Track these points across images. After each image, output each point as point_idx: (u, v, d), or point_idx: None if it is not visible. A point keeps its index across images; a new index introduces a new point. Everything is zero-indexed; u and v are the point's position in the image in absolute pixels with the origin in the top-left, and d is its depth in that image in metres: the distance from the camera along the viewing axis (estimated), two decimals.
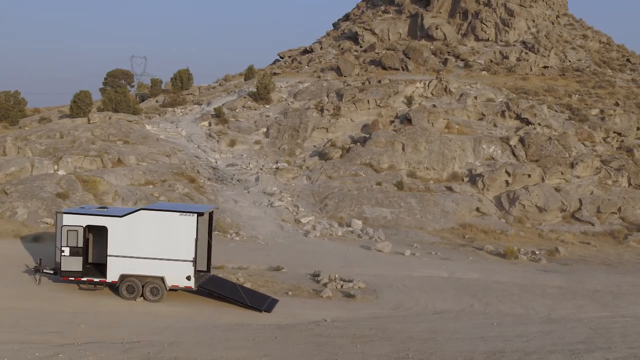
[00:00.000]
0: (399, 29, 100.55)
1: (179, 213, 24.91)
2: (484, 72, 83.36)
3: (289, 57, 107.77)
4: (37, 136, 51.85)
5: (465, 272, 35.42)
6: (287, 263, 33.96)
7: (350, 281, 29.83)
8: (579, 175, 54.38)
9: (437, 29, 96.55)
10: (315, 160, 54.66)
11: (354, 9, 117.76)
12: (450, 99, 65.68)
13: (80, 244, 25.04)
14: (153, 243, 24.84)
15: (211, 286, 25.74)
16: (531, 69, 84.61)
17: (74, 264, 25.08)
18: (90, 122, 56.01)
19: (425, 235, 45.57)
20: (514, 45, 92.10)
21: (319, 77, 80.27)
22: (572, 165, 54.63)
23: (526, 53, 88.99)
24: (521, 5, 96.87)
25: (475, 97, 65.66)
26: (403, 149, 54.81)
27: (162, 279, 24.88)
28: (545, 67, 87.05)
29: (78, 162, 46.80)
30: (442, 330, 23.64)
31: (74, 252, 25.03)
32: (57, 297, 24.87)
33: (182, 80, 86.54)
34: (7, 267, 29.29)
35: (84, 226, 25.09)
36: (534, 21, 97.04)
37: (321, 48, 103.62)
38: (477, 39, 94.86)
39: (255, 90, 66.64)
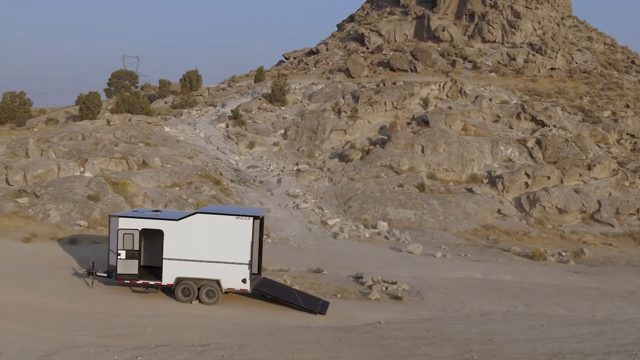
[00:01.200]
0: (405, 30, 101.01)
1: (236, 216, 25.15)
2: (492, 73, 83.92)
3: (294, 58, 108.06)
4: (59, 138, 51.98)
5: (499, 274, 35.73)
6: (325, 265, 34.22)
7: (394, 283, 30.12)
8: (596, 177, 54.85)
9: (444, 30, 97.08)
10: (335, 162, 54.94)
11: (358, 10, 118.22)
12: (465, 100, 66.10)
13: (136, 247, 25.27)
14: (209, 246, 25.07)
15: (265, 288, 25.98)
16: (539, 71, 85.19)
17: (130, 267, 25.30)
18: (110, 123, 56.04)
19: (450, 236, 45.90)
20: (520, 46, 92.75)
21: (328, 78, 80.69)
22: (589, 167, 55.09)
23: (533, 55, 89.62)
24: (527, 7, 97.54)
25: (490, 99, 66.08)
26: (422, 151, 55.18)
27: (217, 281, 25.12)
28: (552, 68, 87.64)
29: (104, 164, 46.96)
30: (496, 332, 23.96)
31: (130, 255, 25.26)
32: (114, 300, 25.06)
33: (191, 81, 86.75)
34: (53, 269, 29.53)
35: (140, 229, 25.30)
36: (539, 23, 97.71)
37: (327, 49, 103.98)
38: (483, 40, 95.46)
39: (271, 92, 66.81)
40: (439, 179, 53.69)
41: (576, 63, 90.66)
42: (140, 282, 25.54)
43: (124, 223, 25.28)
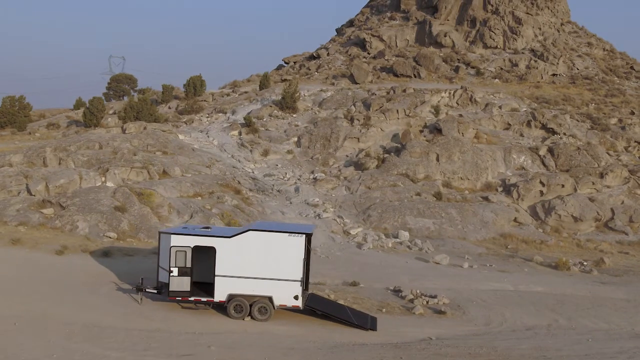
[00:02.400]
0: (406, 35, 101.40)
1: (288, 234, 25.36)
2: (496, 80, 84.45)
3: (294, 62, 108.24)
4: (77, 147, 51.92)
5: (528, 285, 36.07)
6: (358, 277, 34.44)
7: (434, 297, 30.41)
8: (608, 185, 55.39)
9: (445, 36, 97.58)
10: (351, 170, 55.18)
11: (358, 15, 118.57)
12: (475, 108, 66.53)
13: (189, 264, 25.43)
14: (261, 263, 25.27)
15: (315, 304, 26.20)
16: (542, 77, 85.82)
17: (183, 284, 25.46)
18: (126, 132, 56.00)
19: (470, 245, 46.24)
20: (522, 52, 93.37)
21: (333, 84, 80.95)
22: (601, 175, 55.62)
23: (535, 61, 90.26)
24: (528, 13, 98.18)
25: (500, 107, 66.56)
26: (437, 159, 55.54)
27: (270, 298, 25.30)
28: (554, 74, 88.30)
29: (125, 174, 46.96)
30: (546, 348, 24.28)
31: (182, 272, 25.41)
32: (167, 317, 25.20)
33: (195, 86, 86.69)
34: (95, 284, 29.63)
35: (192, 247, 25.44)
36: (540, 29, 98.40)
37: (328, 54, 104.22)
38: (485, 46, 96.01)
39: (281, 99, 66.96)
40: (454, 187, 54.06)
41: (577, 69, 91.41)
42: (192, 298, 25.67)
43: (176, 240, 25.43)
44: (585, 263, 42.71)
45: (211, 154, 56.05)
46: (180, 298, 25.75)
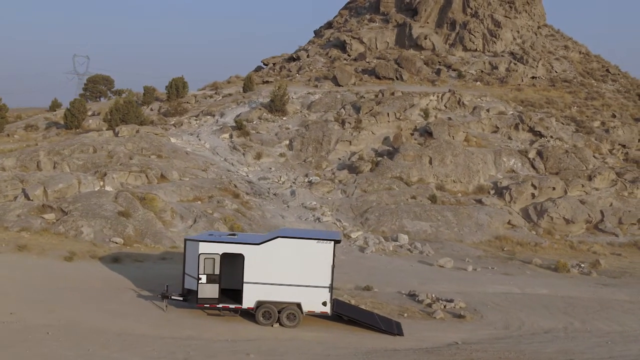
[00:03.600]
0: (386, 38, 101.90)
1: (317, 240, 25.54)
2: (477, 82, 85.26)
3: (274, 64, 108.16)
4: (70, 150, 51.44)
5: (534, 287, 36.67)
6: (368, 281, 34.64)
7: (451, 301, 30.81)
8: (597, 187, 56.45)
9: (425, 38, 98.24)
10: (345, 173, 55.46)
11: (336, 17, 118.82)
12: (464, 111, 67.24)
13: (217, 272, 25.50)
14: (289, 269, 25.43)
15: (342, 310, 26.42)
16: (522, 80, 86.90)
17: (211, 292, 25.52)
18: (119, 135, 55.60)
19: (468, 248, 46.80)
20: (502, 55, 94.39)
21: (316, 85, 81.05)
22: (590, 178, 56.68)
23: (515, 64, 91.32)
24: (506, 17, 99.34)
25: (488, 110, 67.33)
26: (430, 163, 56.09)
27: (298, 304, 25.46)
28: (533, 77, 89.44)
29: (123, 178, 46.69)
30: (571, 351, 24.82)
31: (211, 279, 25.46)
32: (197, 324, 25.25)
33: (177, 88, 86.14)
34: (114, 290, 29.56)
35: (220, 254, 25.50)
36: (518, 32, 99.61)
37: (308, 56, 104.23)
38: (465, 49, 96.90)
39: (270, 101, 66.98)
40: (447, 190, 54.66)
41: (556, 72, 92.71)
42: (220, 305, 25.72)
43: (204, 248, 25.48)
44: (582, 265, 43.49)
45: (204, 157, 55.91)
46: (208, 305, 25.77)
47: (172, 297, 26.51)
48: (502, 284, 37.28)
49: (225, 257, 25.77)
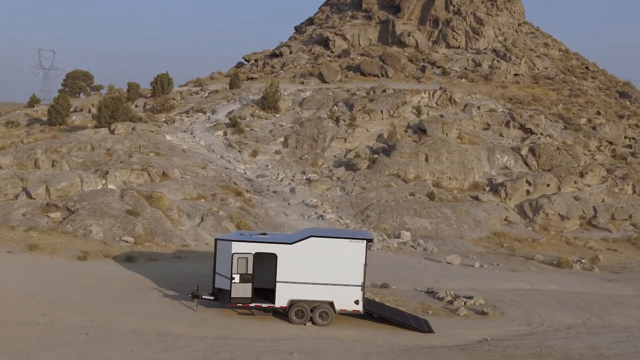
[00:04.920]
0: (369, 34, 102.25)
1: (349, 239, 25.78)
2: (462, 79, 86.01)
3: (255, 60, 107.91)
4: (68, 148, 51.04)
5: (543, 284, 37.30)
6: (383, 278, 34.88)
7: (471, 298, 31.26)
8: (588, 183, 57.35)
9: (409, 35, 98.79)
10: (342, 170, 55.70)
11: (317, 13, 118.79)
12: (455, 109, 67.87)
13: (250, 271, 25.60)
14: (322, 268, 25.62)
15: (372, 308, 26.67)
16: (506, 77, 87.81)
17: (244, 291, 25.63)
18: (115, 133, 55.21)
19: (470, 244, 47.36)
20: (485, 53, 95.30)
21: (302, 82, 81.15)
22: (581, 175, 57.57)
23: (498, 61, 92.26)
24: (488, 14, 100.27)
25: (479, 108, 68.03)
26: (426, 160, 56.59)
27: (331, 303, 25.67)
28: (516, 74, 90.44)
29: (125, 176, 46.43)
30: (598, 347, 25.39)
31: (244, 279, 25.55)
32: (230, 324, 25.35)
33: (162, 84, 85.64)
34: (138, 290, 29.52)
35: (253, 253, 25.61)
36: (500, 29, 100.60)
37: (290, 52, 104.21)
38: (448, 46, 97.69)
39: (263, 98, 66.97)
40: (443, 187, 55.19)
41: (538, 69, 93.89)
42: (253, 305, 25.84)
43: (237, 247, 25.55)
44: (583, 261, 44.25)
45: (201, 154, 55.80)
46: (241, 304, 25.86)
47: (203, 297, 26.54)
48: (511, 280, 37.85)
49: (257, 256, 25.86)
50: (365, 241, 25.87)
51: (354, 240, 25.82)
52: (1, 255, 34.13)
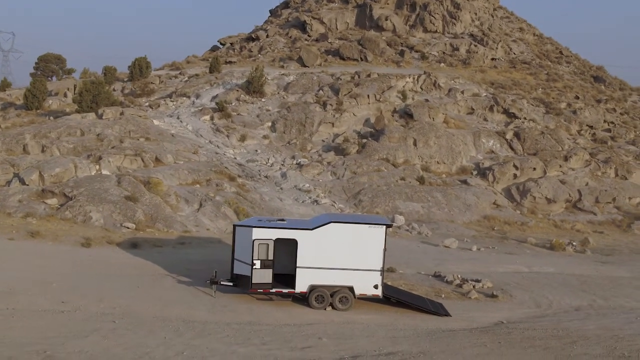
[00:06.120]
0: (346, 18, 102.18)
1: (369, 225, 26.04)
2: (441, 64, 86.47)
3: (231, 43, 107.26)
4: (57, 133, 50.51)
5: (541, 266, 38.03)
6: (388, 262, 34.94)
7: (479, 281, 31.78)
8: (572, 167, 58.32)
9: (386, 20, 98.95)
10: (332, 155, 55.89)
11: None
12: (440, 93, 68.34)
13: (271, 257, 25.76)
14: (342, 254, 25.87)
15: (391, 293, 27.02)
16: (484, 62, 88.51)
17: (265, 277, 25.79)
18: (102, 117, 54.64)
19: (462, 228, 48.01)
20: (462, 37, 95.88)
21: (282, 66, 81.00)
22: (565, 158, 58.50)
23: (475, 45, 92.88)
24: None
25: (462, 92, 68.59)
26: (415, 144, 57.04)
27: (350, 288, 25.95)
28: (493, 59, 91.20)
29: (118, 162, 46.14)
30: (610, 328, 25.96)
31: (264, 264, 25.70)
32: (252, 310, 25.52)
33: (140, 68, 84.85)
34: (149, 277, 29.62)
35: (274, 239, 25.75)
36: (476, 14, 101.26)
37: (267, 36, 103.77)
38: (425, 30, 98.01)
39: (248, 83, 66.75)
40: (432, 171, 55.71)
41: (514, 54, 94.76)
42: (273, 290, 26.01)
43: (258, 233, 25.67)
44: (574, 244, 45.12)
45: (190, 139, 55.51)
46: (261, 290, 26.02)
47: (222, 283, 26.63)
48: (509, 263, 38.51)
49: (276, 242, 26.00)
50: (384, 226, 26.15)
51: (373, 225, 26.09)
52: (4, 242, 33.88)
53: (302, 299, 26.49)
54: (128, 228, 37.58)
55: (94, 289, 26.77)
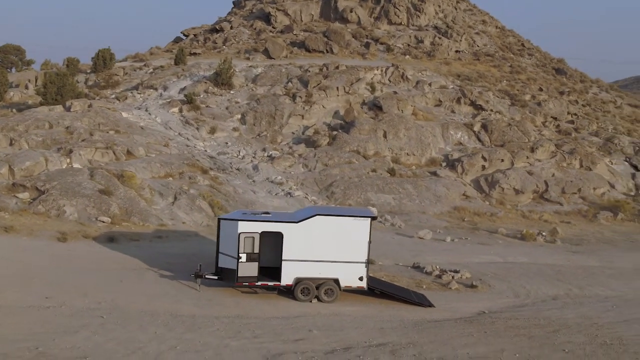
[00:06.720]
0: (311, 10, 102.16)
1: (354, 217, 26.24)
2: (406, 56, 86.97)
3: (195, 35, 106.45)
4: (25, 126, 49.69)
5: (515, 256, 38.71)
6: None
7: (457, 272, 32.24)
8: (539, 158, 59.23)
9: (351, 12, 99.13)
10: (302, 147, 55.98)
11: None
12: (408, 85, 68.79)
13: (256, 250, 25.80)
14: (327, 246, 26.07)
15: (376, 285, 27.28)
16: (448, 54, 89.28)
17: (251, 270, 25.83)
18: (70, 110, 53.90)
19: (434, 219, 48.48)
20: (426, 29, 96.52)
21: (248, 58, 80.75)
22: (532, 150, 59.40)
23: (439, 38, 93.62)
24: None
25: (430, 84, 69.14)
26: (385, 136, 57.37)
27: (336, 280, 26.15)
28: (457, 51, 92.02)
29: (90, 155, 45.60)
30: (589, 316, 26.59)
31: (250, 258, 25.74)
32: (239, 302, 25.63)
33: (104, 60, 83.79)
34: (130, 271, 29.49)
35: (260, 232, 25.79)
36: (439, 6, 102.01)
37: (231, 27, 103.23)
38: (390, 22, 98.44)
39: (216, 75, 66.38)
40: (402, 163, 56.12)
41: (478, 46, 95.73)
42: (259, 283, 26.07)
43: (244, 227, 25.68)
44: (544, 234, 45.91)
45: (160, 132, 55.08)
46: (247, 283, 26.06)
47: (207, 276, 26.60)
48: (483, 253, 39.07)
49: (262, 235, 26.04)
50: (369, 219, 26.37)
51: (358, 218, 26.30)
52: None
53: (287, 292, 26.64)
54: (103, 222, 37.22)
55: (77, 283, 26.55)
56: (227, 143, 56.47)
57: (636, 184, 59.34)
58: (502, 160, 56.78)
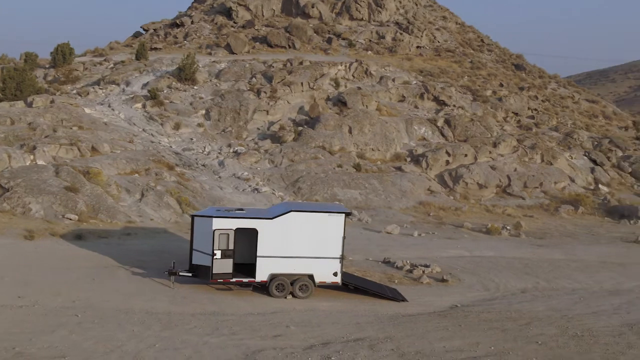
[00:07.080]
0: (272, 5, 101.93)
1: (328, 213, 26.36)
2: (368, 52, 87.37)
3: (154, 30, 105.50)
4: None
5: (481, 250, 39.22)
6: None
7: (428, 266, 32.57)
8: (501, 153, 60.08)
9: (313, 7, 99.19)
10: (268, 143, 55.95)
11: None
12: (371, 81, 69.12)
13: (231, 247, 25.76)
14: (302, 242, 26.17)
15: (350, 280, 27.44)
16: (410, 50, 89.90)
17: (225, 267, 25.79)
18: (32, 105, 53.07)
19: (400, 214, 48.84)
20: (387, 25, 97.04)
21: (210, 53, 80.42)
22: (494, 145, 60.24)
23: (401, 33, 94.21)
24: None
25: (394, 80, 69.56)
26: (350, 132, 57.61)
27: (310, 276, 26.26)
28: (418, 47, 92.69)
29: (54, 152, 44.97)
30: (558, 308, 27.13)
31: (225, 254, 25.69)
32: (214, 299, 25.59)
33: (64, 55, 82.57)
34: (101, 269, 29.23)
35: (234, 229, 25.76)
36: (400, 2, 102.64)
37: (192, 22, 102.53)
38: (351, 18, 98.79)
39: (179, 70, 65.91)
40: (367, 158, 56.43)
41: (438, 42, 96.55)
42: (234, 280, 26.05)
43: (218, 223, 25.62)
44: (508, 227, 46.59)
45: (123, 128, 54.52)
46: (221, 280, 26.02)
47: (180, 274, 26.47)
48: (451, 248, 39.54)
49: (237, 232, 26.02)
50: (343, 214, 26.50)
51: (332, 213, 26.41)
52: None
53: (262, 288, 26.66)
54: (70, 219, 36.77)
55: (48, 282, 26.24)
56: (192, 139, 56.17)
57: (595, 177, 60.55)
58: (466, 155, 57.44)
